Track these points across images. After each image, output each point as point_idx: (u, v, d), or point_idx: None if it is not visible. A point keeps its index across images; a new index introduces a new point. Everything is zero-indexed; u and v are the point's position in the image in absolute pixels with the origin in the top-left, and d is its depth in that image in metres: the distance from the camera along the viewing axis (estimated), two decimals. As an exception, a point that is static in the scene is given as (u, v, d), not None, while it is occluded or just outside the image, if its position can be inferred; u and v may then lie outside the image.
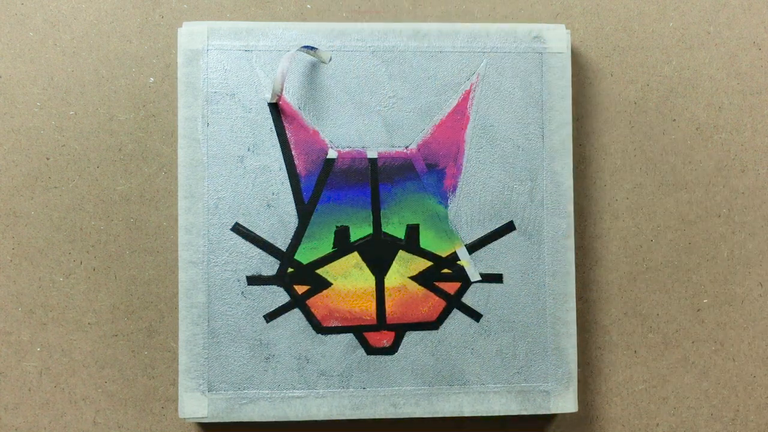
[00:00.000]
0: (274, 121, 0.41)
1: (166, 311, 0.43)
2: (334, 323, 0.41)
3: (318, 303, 0.41)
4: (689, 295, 0.45)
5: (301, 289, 0.41)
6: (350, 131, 0.42)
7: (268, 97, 0.41)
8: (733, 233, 0.45)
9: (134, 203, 0.43)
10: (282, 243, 0.41)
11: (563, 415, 0.44)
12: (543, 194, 0.42)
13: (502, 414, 0.42)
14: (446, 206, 0.42)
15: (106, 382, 0.43)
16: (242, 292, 0.41)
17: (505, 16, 0.45)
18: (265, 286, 0.41)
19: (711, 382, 0.45)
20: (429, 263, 0.42)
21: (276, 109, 0.41)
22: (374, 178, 0.41)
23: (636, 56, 0.45)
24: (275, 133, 0.41)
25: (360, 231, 0.42)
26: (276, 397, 0.41)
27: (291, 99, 0.41)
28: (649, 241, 0.45)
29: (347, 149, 0.41)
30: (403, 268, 0.42)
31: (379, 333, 0.42)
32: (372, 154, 0.42)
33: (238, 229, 0.41)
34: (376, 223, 0.42)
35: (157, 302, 0.43)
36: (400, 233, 0.42)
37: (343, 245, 0.41)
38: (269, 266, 0.41)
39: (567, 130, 0.42)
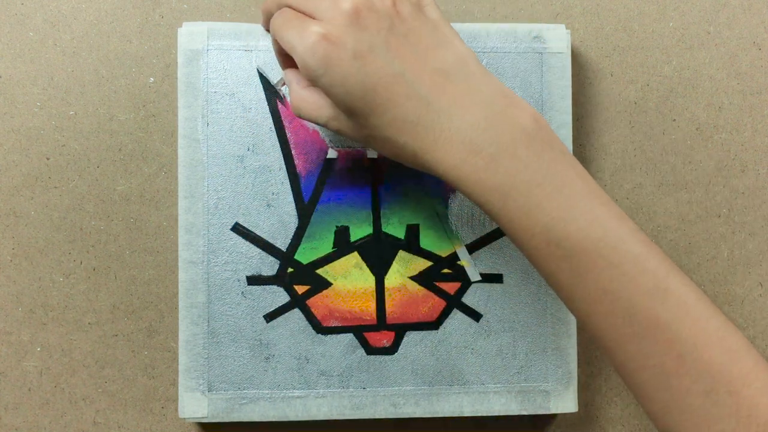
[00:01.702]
0: (274, 121, 0.41)
1: (166, 311, 0.43)
2: (334, 323, 0.41)
3: (318, 303, 0.41)
4: (689, 295, 0.45)
5: (301, 289, 0.41)
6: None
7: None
8: (733, 233, 0.45)
9: (134, 203, 0.43)
10: (282, 243, 0.41)
11: (563, 415, 0.44)
12: (543, 194, 0.42)
13: (502, 414, 0.42)
14: (446, 206, 0.42)
15: (106, 382, 0.43)
16: (242, 292, 0.41)
17: (505, 16, 0.45)
18: (265, 286, 0.41)
19: (711, 382, 0.45)
20: (429, 263, 0.42)
21: (276, 108, 0.41)
22: (374, 178, 0.41)
23: (636, 56, 0.45)
24: (275, 133, 0.41)
25: (360, 231, 0.42)
26: (276, 397, 0.41)
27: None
28: (649, 241, 0.45)
29: (347, 149, 0.41)
30: (403, 268, 0.42)
31: (379, 333, 0.42)
32: (372, 154, 0.42)
33: (238, 229, 0.41)
34: (376, 223, 0.42)
35: (157, 302, 0.43)
36: (400, 233, 0.42)
37: (343, 245, 0.41)
38: (269, 266, 0.41)
39: (567, 130, 0.42)
